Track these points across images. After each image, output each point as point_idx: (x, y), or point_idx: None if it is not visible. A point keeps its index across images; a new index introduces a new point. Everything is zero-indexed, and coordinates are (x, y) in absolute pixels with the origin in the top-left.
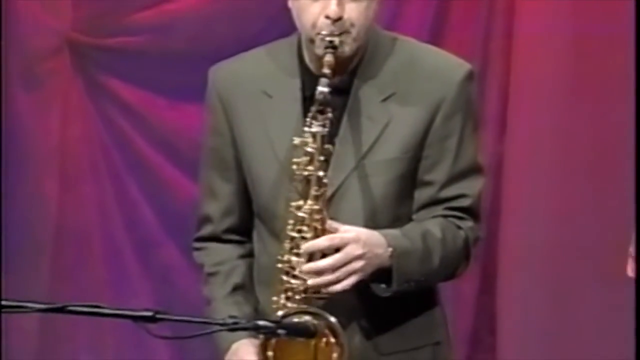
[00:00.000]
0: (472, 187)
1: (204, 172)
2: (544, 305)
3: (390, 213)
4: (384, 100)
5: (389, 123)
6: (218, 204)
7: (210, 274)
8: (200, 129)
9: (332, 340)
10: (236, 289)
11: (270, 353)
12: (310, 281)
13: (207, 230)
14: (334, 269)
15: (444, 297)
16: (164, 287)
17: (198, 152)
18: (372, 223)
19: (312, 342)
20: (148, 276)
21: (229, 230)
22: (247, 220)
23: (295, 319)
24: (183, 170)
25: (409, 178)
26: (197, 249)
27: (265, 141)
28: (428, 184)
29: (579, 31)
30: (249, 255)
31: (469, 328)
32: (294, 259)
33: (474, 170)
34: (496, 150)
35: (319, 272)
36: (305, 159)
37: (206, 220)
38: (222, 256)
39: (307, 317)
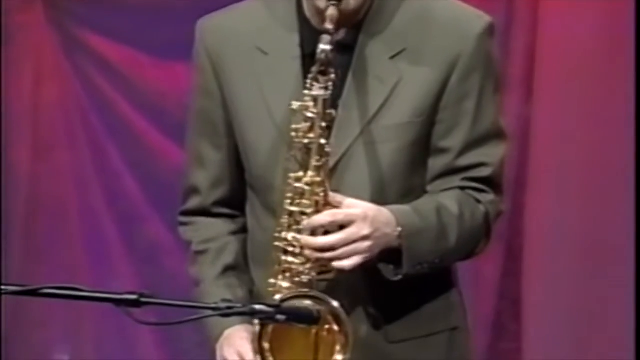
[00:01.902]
0: (492, 154)
1: (190, 137)
2: (575, 288)
3: (401, 185)
4: (393, 57)
5: (398, 83)
6: (206, 173)
7: (199, 252)
8: (189, 90)
9: (335, 327)
10: (228, 269)
11: (266, 344)
12: (308, 252)
13: (194, 202)
14: (336, 248)
15: (463, 278)
16: (150, 267)
17: (186, 115)
18: (380, 196)
19: (313, 330)
20: (131, 255)
21: (219, 203)
22: (239, 192)
23: (295, 304)
24: (170, 137)
25: (422, 145)
26: (183, 223)
27: (260, 103)
28: (443, 151)
29: None
30: (242, 231)
31: (491, 313)
32: (292, 236)
33: (494, 135)
34: (522, 114)
35: (318, 250)
36: (306, 125)
37: (193, 191)
38: (212, 232)
39: (307, 302)
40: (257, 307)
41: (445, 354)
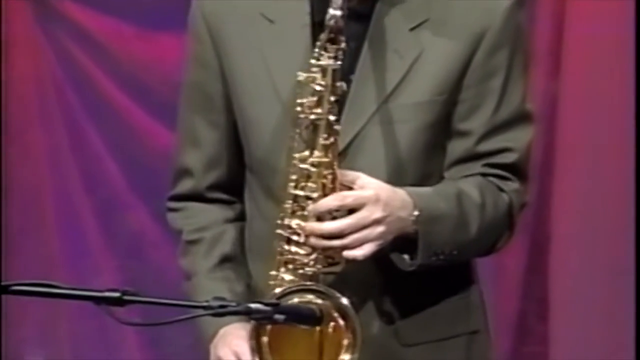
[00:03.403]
0: (518, 139)
1: (183, 113)
2: (607, 286)
3: (419, 170)
4: (414, 28)
5: (419, 57)
6: (201, 153)
7: (191, 242)
8: (177, 63)
9: (342, 324)
10: (224, 260)
11: (265, 339)
12: (313, 240)
13: (186, 186)
14: (344, 234)
15: (483, 275)
16: (134, 261)
17: (175, 92)
18: (395, 181)
19: (317, 327)
20: (113, 248)
21: (214, 187)
22: (237, 175)
23: (296, 299)
24: (156, 116)
25: (443, 126)
26: (173, 209)
27: (264, 76)
28: (464, 134)
29: None
30: (239, 218)
31: (515, 314)
32: (297, 223)
33: (521, 118)
34: (548, 90)
35: (325, 237)
36: (313, 99)
37: (185, 173)
38: (206, 219)
39: (309, 296)
40: (254, 306)
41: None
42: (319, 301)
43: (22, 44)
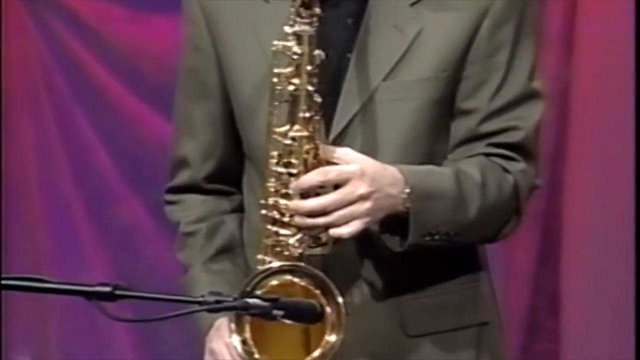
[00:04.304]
0: (525, 117)
1: (179, 101)
2: (623, 281)
3: (422, 150)
4: (414, 4)
5: (420, 32)
6: (197, 142)
7: (188, 234)
8: (171, 47)
9: (324, 302)
10: (222, 252)
11: (247, 335)
12: (297, 218)
13: (183, 177)
14: (328, 211)
15: (492, 268)
16: (126, 255)
17: (170, 78)
18: (399, 162)
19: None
20: (104, 241)
21: (211, 177)
22: (235, 165)
23: (275, 281)
24: (149, 103)
25: (447, 105)
26: (170, 202)
27: (260, 60)
28: (467, 113)
29: None
30: (238, 209)
31: (524, 310)
32: (281, 202)
33: (528, 95)
34: (560, 75)
35: (308, 215)
36: (290, 69)
37: (182, 164)
38: (203, 211)
39: (287, 277)
40: (251, 301)
41: (474, 353)
42: (297, 279)
43: (9, 27)
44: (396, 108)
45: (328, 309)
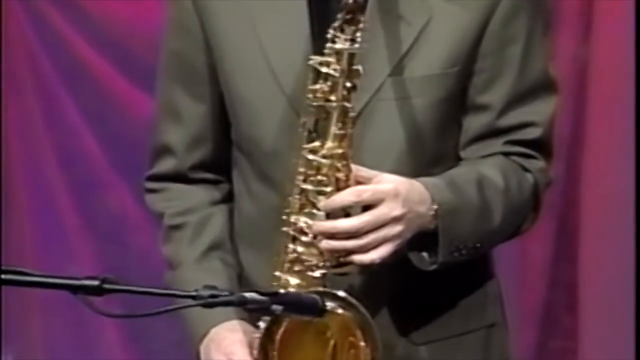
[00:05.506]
0: (542, 111)
1: (162, 84)
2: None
3: (430, 150)
4: None
5: (428, 24)
6: (183, 129)
7: (174, 227)
8: (161, 25)
9: (361, 342)
10: (212, 248)
11: (274, 353)
12: (324, 243)
13: (167, 165)
14: (360, 234)
15: (507, 262)
16: (114, 246)
17: (159, 58)
18: (404, 164)
19: (332, 341)
20: (91, 231)
21: (198, 166)
22: (224, 152)
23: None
24: (139, 83)
25: (456, 102)
26: (152, 190)
27: (253, 46)
28: (482, 108)
29: None
30: (227, 199)
31: (540, 305)
32: (304, 221)
33: (544, 88)
34: (577, 56)
35: (337, 236)
36: (326, 85)
37: (166, 151)
38: (190, 201)
39: (331, 304)
40: (249, 295)
41: (481, 356)
42: (340, 311)
43: None
44: (403, 107)
45: (362, 343)
